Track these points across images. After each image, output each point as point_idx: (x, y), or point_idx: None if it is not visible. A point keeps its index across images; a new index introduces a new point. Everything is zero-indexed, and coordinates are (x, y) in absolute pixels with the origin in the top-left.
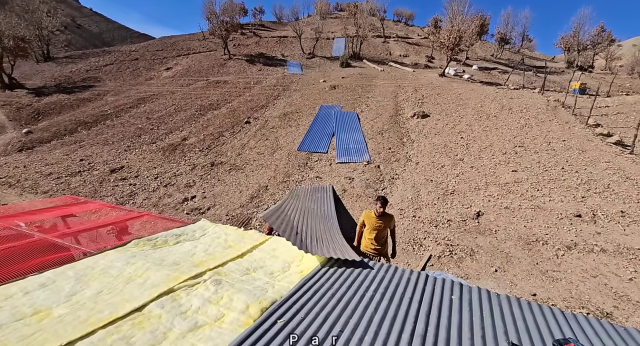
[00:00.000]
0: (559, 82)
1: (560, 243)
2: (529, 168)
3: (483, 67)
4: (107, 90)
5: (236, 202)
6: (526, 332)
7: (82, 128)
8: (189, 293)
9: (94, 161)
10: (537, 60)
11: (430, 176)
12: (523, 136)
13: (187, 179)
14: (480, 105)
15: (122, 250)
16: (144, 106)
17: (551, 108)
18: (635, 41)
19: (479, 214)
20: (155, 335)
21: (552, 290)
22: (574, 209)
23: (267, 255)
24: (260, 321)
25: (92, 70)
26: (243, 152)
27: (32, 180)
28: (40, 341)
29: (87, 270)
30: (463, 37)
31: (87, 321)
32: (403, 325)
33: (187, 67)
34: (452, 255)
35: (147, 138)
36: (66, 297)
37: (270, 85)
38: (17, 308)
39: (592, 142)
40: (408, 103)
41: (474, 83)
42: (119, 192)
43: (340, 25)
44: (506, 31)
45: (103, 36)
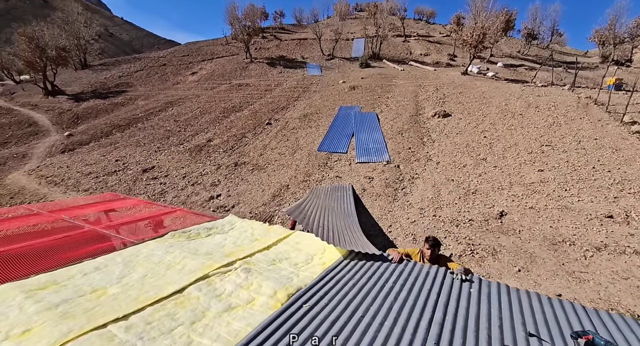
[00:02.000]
0: (592, 78)
1: (589, 244)
2: (557, 168)
3: (509, 64)
4: (138, 95)
5: (259, 200)
6: (544, 324)
7: (116, 130)
8: (222, 279)
9: (127, 161)
10: (568, 55)
11: (452, 175)
12: (551, 135)
13: (212, 178)
14: (505, 104)
15: (161, 241)
16: (171, 109)
17: (582, 106)
18: None
19: (502, 214)
20: (195, 313)
21: (578, 291)
22: (605, 210)
23: (291, 247)
24: (287, 304)
25: (124, 76)
26: (265, 152)
27: (74, 179)
28: (101, 313)
29: (132, 257)
30: (487, 33)
31: (137, 299)
32: (422, 313)
33: (211, 71)
34: (473, 254)
35: (175, 140)
36: (117, 279)
37: (290, 87)
38: (78, 287)
39: (627, 141)
40: (429, 103)
41: (498, 81)
42: (150, 190)
43: (360, 25)
44: (534, 26)
45: (133, 43)
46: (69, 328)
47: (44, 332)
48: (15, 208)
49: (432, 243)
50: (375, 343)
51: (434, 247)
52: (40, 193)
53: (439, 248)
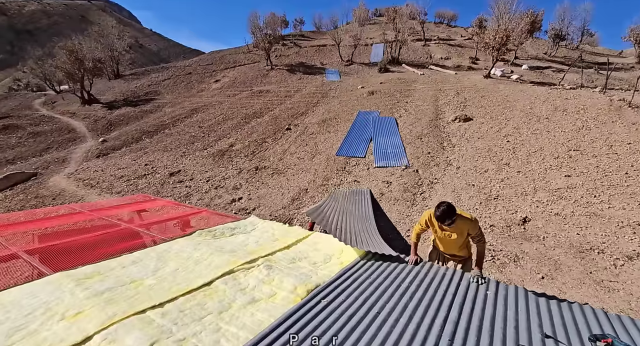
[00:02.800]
0: (627, 79)
1: (620, 252)
2: (585, 173)
3: (534, 66)
4: (165, 103)
5: (278, 204)
6: (562, 326)
7: (145, 136)
8: (246, 275)
9: (156, 165)
10: (601, 55)
11: (472, 181)
12: (579, 139)
13: (234, 182)
14: (529, 107)
15: (189, 239)
16: (196, 116)
17: (615, 109)
18: None
19: (525, 220)
20: (222, 304)
21: (607, 300)
22: (639, 217)
23: (310, 248)
24: (307, 299)
25: (152, 85)
26: (284, 157)
27: (108, 182)
28: (139, 301)
29: (165, 253)
30: (511, 36)
31: (170, 290)
32: (437, 312)
33: (234, 79)
34: (494, 260)
35: (199, 145)
36: (152, 272)
37: (309, 93)
38: (119, 278)
39: None
40: (449, 107)
41: (523, 83)
42: (177, 193)
43: (379, 30)
44: (562, 27)
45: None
46: (114, 312)
47: (93, 314)
48: (61, 207)
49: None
50: (390, 337)
51: (444, 220)
52: (78, 194)
53: (451, 219)
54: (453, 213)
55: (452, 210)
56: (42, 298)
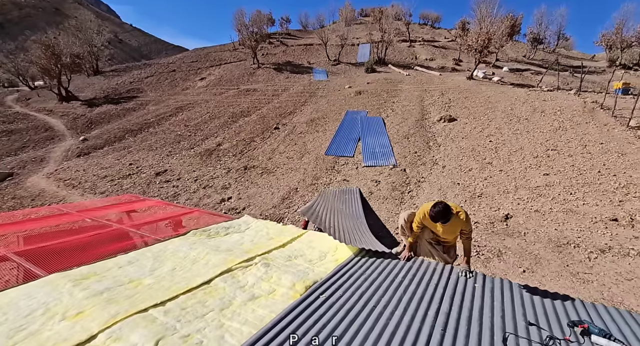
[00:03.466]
0: (598, 82)
1: (594, 246)
2: (562, 172)
3: (514, 68)
4: (149, 100)
5: (269, 203)
6: (544, 315)
7: (129, 135)
8: (244, 273)
9: (141, 165)
10: (575, 59)
11: (457, 179)
12: (556, 139)
13: (223, 182)
14: (510, 108)
15: (184, 238)
16: (181, 114)
17: (588, 110)
18: None
19: (507, 217)
20: (223, 301)
21: (582, 291)
22: (610, 213)
23: (305, 245)
24: (306, 295)
25: (135, 82)
26: (273, 156)
27: (90, 182)
28: (140, 300)
29: (160, 253)
30: (492, 38)
31: (169, 289)
32: (429, 304)
33: (220, 77)
34: (479, 255)
35: (186, 144)
36: (150, 271)
37: (297, 92)
38: (116, 278)
39: (633, 145)
40: (434, 108)
41: (504, 85)
42: (164, 193)
43: (365, 30)
44: (539, 31)
45: (141, 50)
46: (116, 311)
47: (95, 314)
48: (44, 208)
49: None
50: (387, 329)
51: (438, 221)
52: (59, 195)
53: (446, 219)
54: (448, 214)
55: (448, 211)
56: (40, 299)
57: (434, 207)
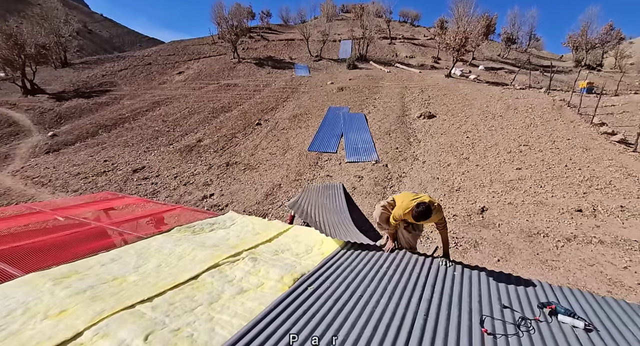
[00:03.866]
0: (566, 81)
1: (561, 235)
2: (533, 166)
3: (490, 67)
4: (123, 94)
5: (252, 199)
6: (517, 298)
7: (102, 131)
8: (232, 267)
9: (117, 162)
10: (545, 59)
11: (437, 174)
12: (528, 135)
13: (204, 178)
14: (486, 105)
15: (168, 235)
16: (159, 109)
17: (556, 108)
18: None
19: (483, 209)
20: (212, 295)
21: (550, 277)
22: (576, 204)
23: (291, 240)
24: (294, 287)
25: (107, 75)
26: (256, 152)
27: (62, 179)
28: (126, 296)
29: (144, 249)
30: (469, 38)
31: (156, 285)
32: (412, 292)
33: (199, 71)
34: (457, 246)
35: (164, 140)
36: (134, 268)
37: (279, 87)
38: (99, 275)
39: (596, 141)
40: (415, 104)
41: (480, 83)
42: (142, 190)
43: (347, 27)
44: (512, 31)
45: (113, 41)
46: (102, 308)
47: (79, 312)
48: (15, 207)
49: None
50: (373, 316)
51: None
52: (27, 194)
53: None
54: (429, 215)
55: (430, 212)
56: (18, 299)
57: (417, 207)
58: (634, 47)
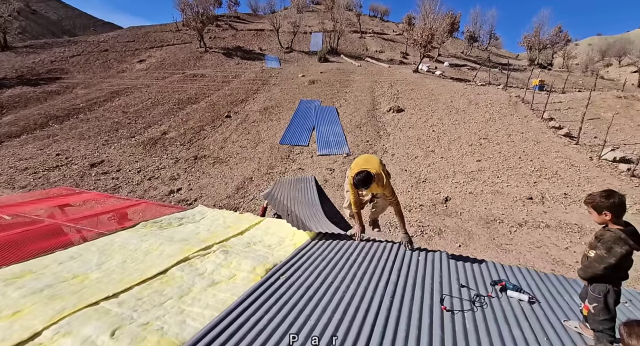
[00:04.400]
0: (521, 79)
1: (514, 221)
2: (491, 158)
3: (454, 63)
4: (77, 83)
5: (222, 193)
6: (473, 278)
7: (53, 122)
8: (202, 261)
9: (71, 156)
10: (503, 57)
11: (405, 166)
12: (487, 129)
13: (171, 172)
14: (450, 101)
15: (133, 231)
16: (118, 100)
17: (512, 104)
18: (590, 40)
19: (447, 199)
20: (182, 289)
21: (504, 259)
22: (527, 192)
23: (263, 232)
24: (267, 277)
25: (57, 62)
26: (225, 145)
27: (6, 175)
28: (89, 294)
29: (107, 246)
30: (435, 34)
31: (122, 281)
32: (380, 276)
33: (162, 60)
34: (423, 234)
35: (126, 133)
36: (96, 266)
37: (249, 79)
38: (57, 274)
39: (545, 134)
40: (384, 98)
41: (445, 79)
42: (102, 186)
43: (317, 19)
44: (475, 29)
45: (62, 24)
46: (62, 307)
47: (36, 312)
48: None
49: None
50: (343, 300)
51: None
52: None
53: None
54: (369, 182)
55: (369, 180)
56: None
57: (357, 175)
58: (579, 48)
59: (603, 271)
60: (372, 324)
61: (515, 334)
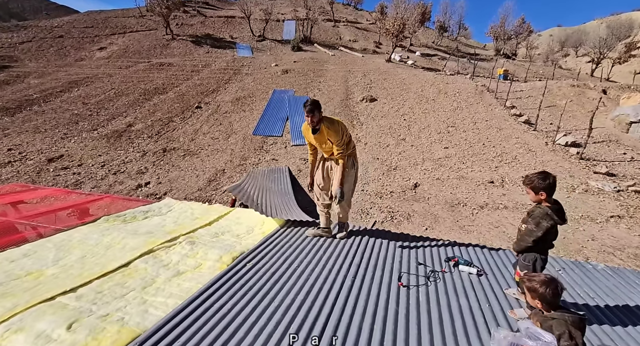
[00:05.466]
0: (488, 68)
1: (476, 204)
2: (458, 145)
3: (425, 53)
4: (29, 72)
5: (193, 186)
6: (430, 256)
7: (3, 114)
8: (167, 252)
9: (25, 150)
10: (472, 47)
11: (377, 155)
12: (455, 117)
13: (138, 166)
14: (421, 90)
15: (94, 226)
16: (77, 90)
17: (478, 93)
18: (551, 31)
19: (416, 185)
20: (145, 281)
21: (465, 239)
22: (489, 177)
23: (232, 222)
24: (233, 264)
25: (4, 48)
26: (196, 137)
27: None
28: (44, 290)
29: (65, 242)
30: (406, 24)
31: (81, 276)
32: (344, 259)
33: (125, 48)
34: (392, 219)
35: (87, 125)
36: (53, 262)
37: (220, 68)
38: (8, 272)
39: (507, 122)
40: (357, 88)
41: (416, 69)
42: (61, 182)
43: (290, 6)
44: (445, 20)
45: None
46: (13, 304)
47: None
48: None
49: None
50: (306, 283)
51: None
52: None
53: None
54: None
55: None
56: None
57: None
58: (541, 39)
59: (532, 243)
60: (333, 303)
61: (462, 303)
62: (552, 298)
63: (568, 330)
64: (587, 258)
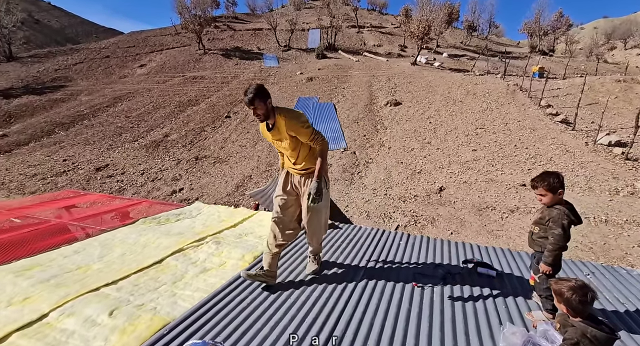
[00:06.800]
0: (521, 66)
1: (506, 208)
2: (487, 147)
3: (453, 54)
4: (80, 90)
5: (222, 192)
6: (448, 257)
7: (59, 129)
8: (195, 251)
9: (77, 161)
10: (504, 46)
11: (401, 159)
12: (484, 119)
13: (173, 173)
14: (447, 92)
15: (133, 227)
16: (120, 105)
17: (510, 92)
18: (596, 24)
19: (441, 189)
20: (175, 276)
21: (494, 244)
22: (520, 180)
23: (255, 224)
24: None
25: (61, 70)
26: (225, 145)
27: (17, 181)
28: (90, 282)
29: (108, 241)
30: (432, 26)
31: (120, 270)
32: (361, 259)
33: (162, 64)
34: (416, 223)
35: (129, 136)
36: (98, 258)
37: (248, 79)
38: (62, 266)
39: (542, 122)
40: (382, 92)
41: (443, 70)
42: (107, 189)
43: (315, 15)
44: (474, 19)
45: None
46: (66, 293)
47: (43, 298)
48: None
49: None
50: (320, 280)
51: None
52: None
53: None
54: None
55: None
56: None
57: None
58: (584, 32)
59: (565, 245)
60: (347, 299)
61: (477, 304)
62: (578, 305)
63: (580, 341)
64: (632, 266)
